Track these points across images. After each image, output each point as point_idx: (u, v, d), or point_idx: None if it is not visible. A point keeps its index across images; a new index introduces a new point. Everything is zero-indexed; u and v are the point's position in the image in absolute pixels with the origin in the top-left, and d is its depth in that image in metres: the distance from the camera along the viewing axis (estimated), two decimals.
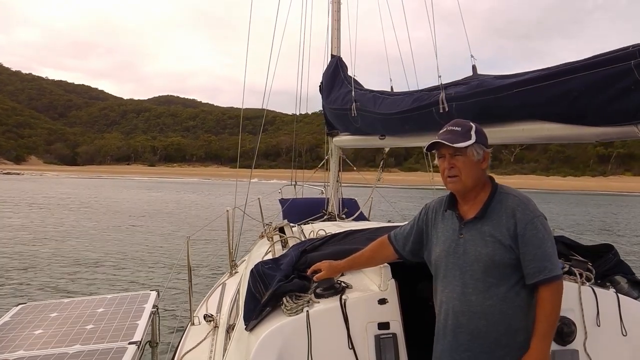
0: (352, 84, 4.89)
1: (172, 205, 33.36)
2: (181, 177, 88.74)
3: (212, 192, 48.36)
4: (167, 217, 25.42)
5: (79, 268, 13.37)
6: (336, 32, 6.31)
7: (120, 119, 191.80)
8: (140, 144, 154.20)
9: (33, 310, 4.34)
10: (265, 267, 2.69)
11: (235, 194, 6.21)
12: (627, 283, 2.59)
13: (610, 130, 2.32)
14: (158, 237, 18.76)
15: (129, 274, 12.64)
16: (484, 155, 2.11)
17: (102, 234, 19.35)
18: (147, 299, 4.43)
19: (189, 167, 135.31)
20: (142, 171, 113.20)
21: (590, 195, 45.51)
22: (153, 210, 29.28)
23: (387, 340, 2.24)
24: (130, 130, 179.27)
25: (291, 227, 4.46)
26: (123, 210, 28.52)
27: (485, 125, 2.95)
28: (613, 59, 2.15)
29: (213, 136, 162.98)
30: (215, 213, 17.45)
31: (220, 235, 10.67)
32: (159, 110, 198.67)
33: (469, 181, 2.08)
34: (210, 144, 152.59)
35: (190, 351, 3.74)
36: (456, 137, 2.07)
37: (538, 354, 1.93)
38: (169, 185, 59.28)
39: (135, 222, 23.31)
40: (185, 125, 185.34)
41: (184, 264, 4.54)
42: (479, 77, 3.25)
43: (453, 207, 2.18)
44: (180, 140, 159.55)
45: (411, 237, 2.34)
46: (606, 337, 2.37)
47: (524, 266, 1.98)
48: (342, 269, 2.53)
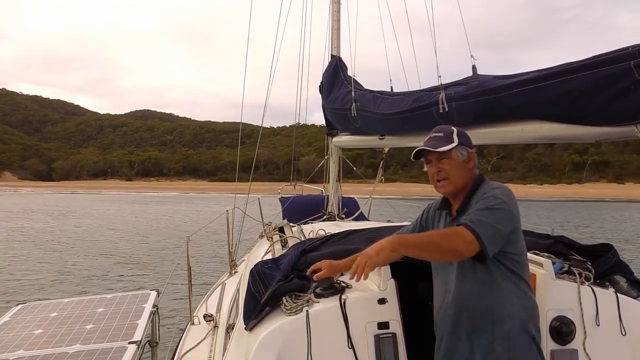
0: (352, 84, 4.90)
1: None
2: (159, 191, 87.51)
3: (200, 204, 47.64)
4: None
5: (79, 268, 13.38)
6: (336, 32, 6.31)
7: (96, 134, 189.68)
8: (117, 158, 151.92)
9: (33, 310, 4.34)
10: (265, 266, 2.70)
11: (235, 195, 6.22)
12: (627, 283, 2.60)
13: (610, 130, 2.33)
14: (158, 237, 18.77)
15: (129, 274, 12.65)
16: (468, 155, 2.18)
17: (102, 235, 19.37)
18: (147, 298, 4.43)
19: (167, 182, 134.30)
20: (119, 186, 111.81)
21: (566, 202, 46.24)
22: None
23: (386, 339, 2.24)
24: (107, 145, 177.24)
25: (291, 227, 4.46)
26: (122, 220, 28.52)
27: (485, 125, 2.97)
28: (613, 59, 2.15)
29: (191, 150, 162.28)
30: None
31: (220, 235, 10.67)
32: (136, 125, 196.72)
33: (458, 182, 2.16)
34: (188, 158, 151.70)
35: (190, 351, 3.74)
36: (439, 142, 2.17)
37: (376, 245, 1.97)
38: (149, 199, 57.67)
39: (133, 227, 23.33)
40: (163, 139, 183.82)
41: (183, 264, 4.54)
42: (479, 77, 3.25)
43: (446, 206, 2.27)
44: (157, 154, 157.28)
45: None
46: (605, 336, 2.37)
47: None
48: (342, 268, 2.53)
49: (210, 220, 6.63)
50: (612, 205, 49.73)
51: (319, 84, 5.85)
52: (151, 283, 11.28)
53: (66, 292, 10.56)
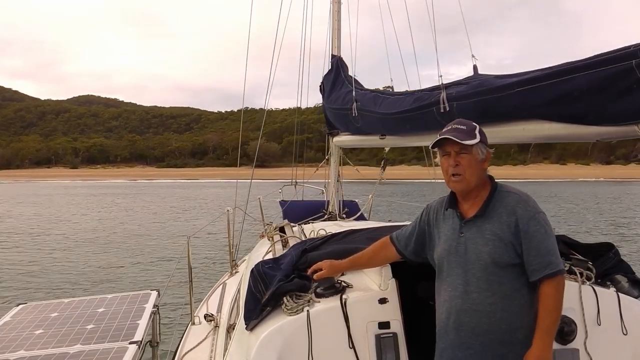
0: (353, 84, 4.89)
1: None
2: (106, 179, 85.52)
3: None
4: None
5: (78, 268, 13.38)
6: (336, 32, 6.31)
7: (38, 121, 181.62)
8: (60, 146, 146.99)
9: (33, 310, 4.34)
10: (266, 266, 2.70)
11: (236, 194, 6.22)
12: (628, 282, 2.60)
13: (611, 130, 2.32)
14: (158, 236, 18.77)
15: (129, 274, 12.65)
16: (486, 154, 2.14)
17: (102, 234, 19.37)
18: (147, 298, 4.43)
19: (114, 169, 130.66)
20: (64, 174, 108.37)
21: (512, 182, 47.44)
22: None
23: (387, 339, 2.24)
24: (50, 132, 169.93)
25: (291, 227, 4.46)
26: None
27: (486, 124, 2.95)
28: (614, 59, 2.15)
29: (137, 136, 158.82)
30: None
31: (221, 235, 10.66)
32: (79, 111, 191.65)
33: (472, 180, 2.10)
34: (134, 144, 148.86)
35: (190, 351, 3.73)
36: (463, 135, 2.09)
37: (540, 351, 1.93)
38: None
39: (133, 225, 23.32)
40: (108, 125, 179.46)
41: (184, 264, 4.54)
42: (479, 76, 3.25)
43: (454, 205, 2.18)
44: (103, 141, 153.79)
45: (413, 238, 2.36)
46: (607, 336, 2.37)
47: (528, 262, 1.98)
48: (343, 268, 2.53)
49: (209, 220, 6.63)
50: (555, 184, 53.52)
51: (320, 84, 5.85)
52: (152, 283, 11.28)
53: (69, 292, 10.56)
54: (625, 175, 72.66)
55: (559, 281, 1.96)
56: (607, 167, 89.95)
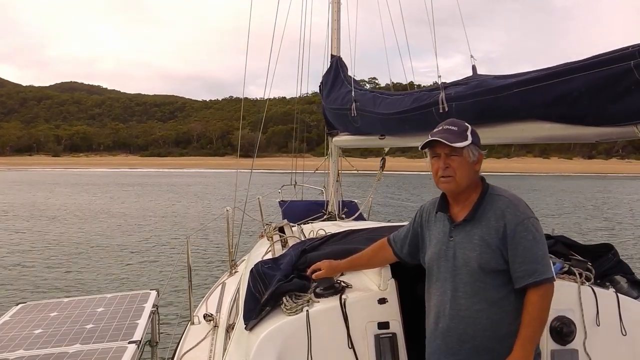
0: (352, 84, 4.89)
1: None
2: (88, 167, 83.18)
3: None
4: None
5: (78, 267, 13.37)
6: (336, 32, 6.30)
7: (19, 107, 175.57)
8: (42, 133, 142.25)
9: (33, 310, 4.34)
10: (265, 266, 2.70)
11: (236, 193, 6.22)
12: (627, 283, 2.60)
13: (610, 131, 2.32)
14: (158, 236, 18.75)
15: (129, 274, 12.64)
16: (478, 156, 2.09)
17: (101, 233, 19.35)
18: (147, 298, 4.43)
19: (97, 157, 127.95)
20: (46, 162, 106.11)
21: (495, 176, 48.06)
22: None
23: (386, 339, 2.24)
24: (31, 119, 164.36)
25: (291, 227, 4.46)
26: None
27: (485, 125, 2.96)
28: (613, 59, 2.15)
29: (120, 124, 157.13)
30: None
31: (220, 234, 10.67)
32: (62, 98, 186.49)
33: (463, 182, 2.05)
34: (118, 132, 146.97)
35: (190, 350, 3.74)
36: (454, 136, 2.04)
37: (519, 359, 1.89)
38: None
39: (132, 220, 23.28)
40: (91, 112, 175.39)
41: (183, 264, 4.54)
42: (478, 77, 3.25)
43: (444, 209, 2.14)
44: (86, 128, 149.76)
45: (407, 240, 2.34)
46: (606, 336, 2.37)
47: (513, 270, 1.94)
48: (342, 268, 2.53)
49: (210, 220, 6.63)
50: (536, 178, 54.80)
51: (319, 84, 5.85)
52: (151, 283, 11.27)
53: (69, 292, 10.56)
54: (606, 170, 74.84)
55: (545, 289, 1.90)
56: (589, 161, 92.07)
